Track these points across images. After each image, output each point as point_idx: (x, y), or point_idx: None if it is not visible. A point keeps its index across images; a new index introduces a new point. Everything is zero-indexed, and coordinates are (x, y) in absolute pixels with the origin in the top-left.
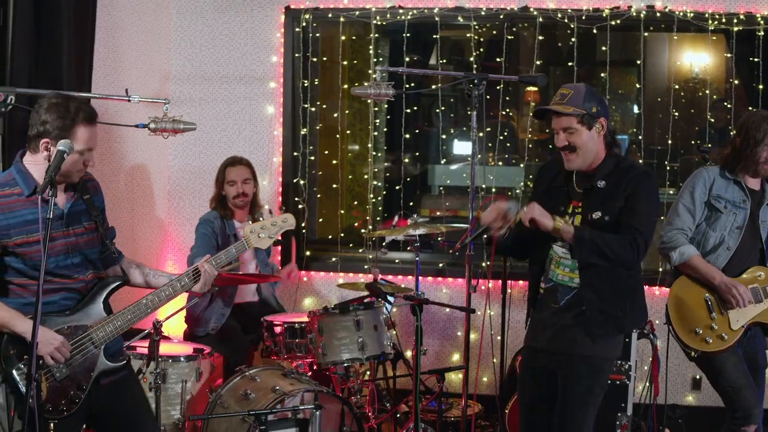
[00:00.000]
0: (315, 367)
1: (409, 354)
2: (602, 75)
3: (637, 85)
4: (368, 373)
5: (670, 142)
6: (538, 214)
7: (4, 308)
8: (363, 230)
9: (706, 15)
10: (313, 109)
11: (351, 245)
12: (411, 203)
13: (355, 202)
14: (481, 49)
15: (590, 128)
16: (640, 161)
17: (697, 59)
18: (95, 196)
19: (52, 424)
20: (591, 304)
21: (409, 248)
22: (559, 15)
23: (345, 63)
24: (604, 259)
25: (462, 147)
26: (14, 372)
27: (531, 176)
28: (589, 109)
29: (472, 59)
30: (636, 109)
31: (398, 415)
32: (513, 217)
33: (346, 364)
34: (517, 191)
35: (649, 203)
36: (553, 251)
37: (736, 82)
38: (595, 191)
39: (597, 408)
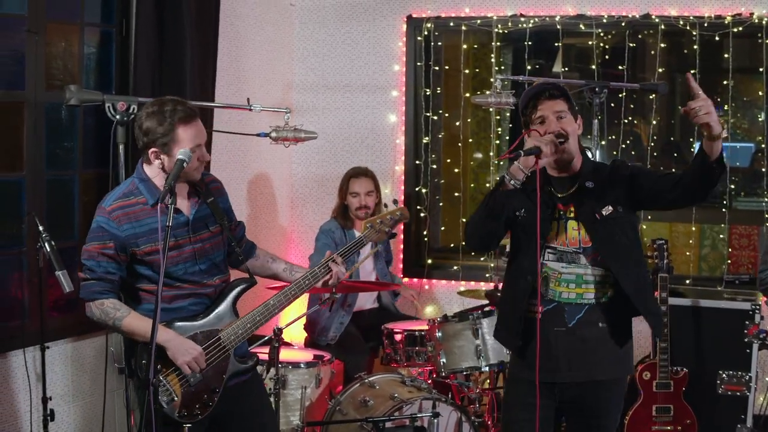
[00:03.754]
0: (434, 375)
1: None
2: (726, 82)
3: (761, 93)
4: (488, 381)
5: None
6: (715, 119)
7: (140, 317)
8: None
9: None
10: (435, 117)
11: (473, 253)
12: None
13: None
14: (606, 57)
15: (575, 120)
16: (765, 169)
17: None
18: (219, 198)
19: (186, 428)
20: (631, 290)
21: None
22: (681, 22)
23: (467, 71)
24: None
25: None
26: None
27: None
28: (574, 104)
29: (594, 67)
30: (761, 117)
31: None
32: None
33: (465, 372)
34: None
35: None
36: (548, 269)
37: None
38: (584, 192)
39: None
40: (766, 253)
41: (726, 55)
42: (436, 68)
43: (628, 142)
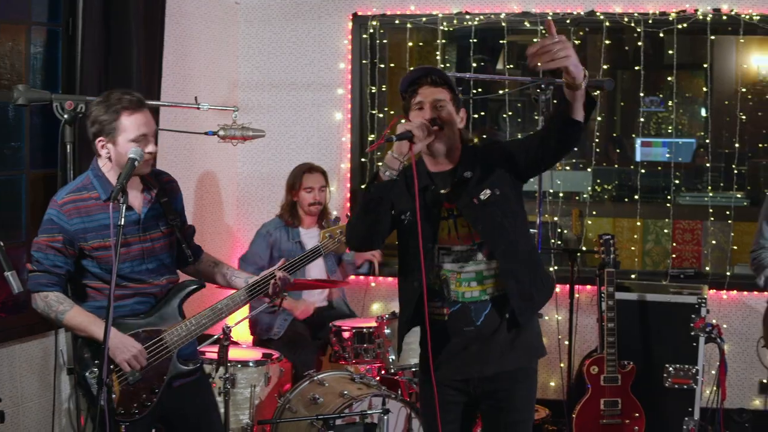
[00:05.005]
0: (383, 372)
1: None
2: (669, 78)
3: (705, 89)
4: None
5: (737, 145)
6: (575, 62)
7: (83, 312)
8: None
9: None
10: (381, 115)
11: None
12: None
13: None
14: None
15: (457, 112)
16: (708, 165)
17: (764, 62)
18: (174, 199)
19: (123, 427)
20: (514, 291)
21: None
22: (626, 19)
23: (412, 69)
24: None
25: None
26: (87, 375)
27: (599, 180)
28: (457, 93)
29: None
30: (703, 113)
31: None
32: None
33: (414, 369)
34: (585, 195)
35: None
36: (446, 270)
37: None
38: (463, 183)
39: None
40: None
41: (670, 52)
42: (382, 66)
43: None
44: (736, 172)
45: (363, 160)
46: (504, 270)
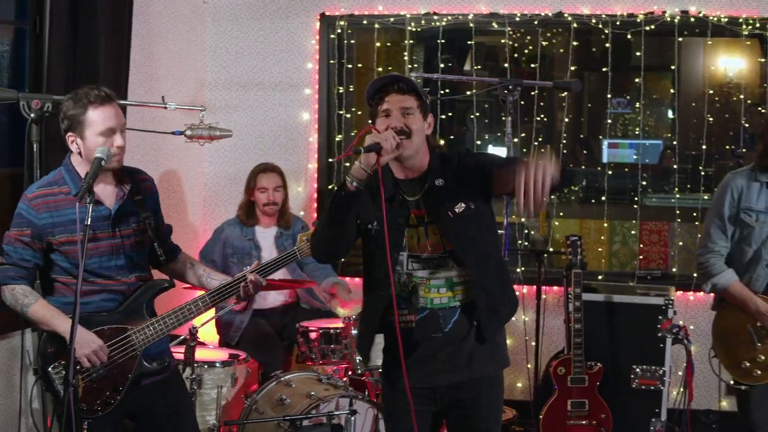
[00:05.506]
0: (350, 373)
1: None
2: (637, 80)
3: (672, 90)
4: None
5: (704, 147)
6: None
7: (47, 306)
8: None
9: (740, 20)
10: (348, 115)
11: None
12: None
13: None
14: (516, 55)
15: (424, 119)
16: (675, 166)
17: (731, 64)
18: (148, 197)
19: (86, 423)
20: (483, 305)
21: None
22: (594, 20)
23: (380, 69)
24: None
25: (497, 152)
26: (50, 370)
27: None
28: (426, 100)
29: (506, 65)
30: (671, 114)
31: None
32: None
33: (380, 370)
34: (552, 197)
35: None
36: (415, 277)
37: None
38: (435, 191)
39: None
40: (705, 235)
41: (637, 53)
42: (349, 66)
43: (540, 139)
44: (702, 173)
45: (330, 160)
46: (474, 282)
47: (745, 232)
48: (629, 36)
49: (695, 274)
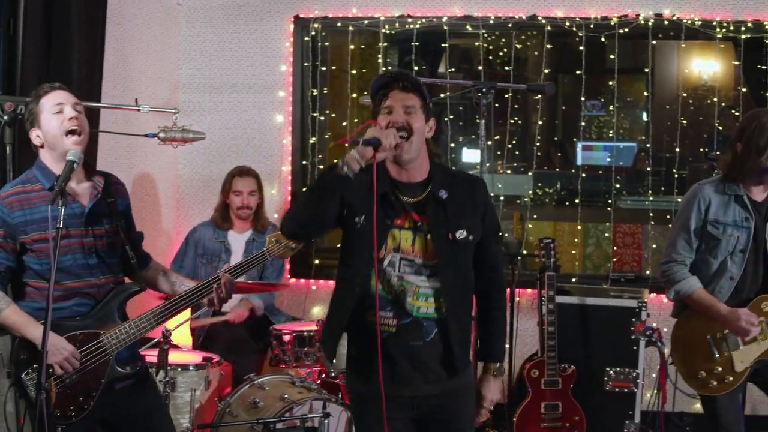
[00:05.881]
0: (323, 376)
1: None
2: (611, 83)
3: (646, 93)
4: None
5: (678, 149)
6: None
7: (19, 312)
8: None
9: (714, 23)
10: (322, 118)
11: None
12: None
13: None
14: (490, 58)
15: (426, 120)
16: (648, 169)
17: (705, 67)
18: (120, 201)
19: (59, 430)
20: (456, 338)
21: None
22: (567, 23)
23: (354, 72)
24: None
25: (471, 155)
26: (24, 377)
27: (540, 184)
28: (429, 102)
29: (480, 68)
30: (644, 117)
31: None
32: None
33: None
34: (526, 199)
35: (499, 230)
36: (406, 282)
37: (744, 89)
38: (438, 203)
39: None
40: (671, 245)
41: (611, 56)
42: (323, 69)
43: (514, 141)
44: (676, 176)
45: (304, 162)
46: (449, 312)
47: (711, 244)
48: (603, 39)
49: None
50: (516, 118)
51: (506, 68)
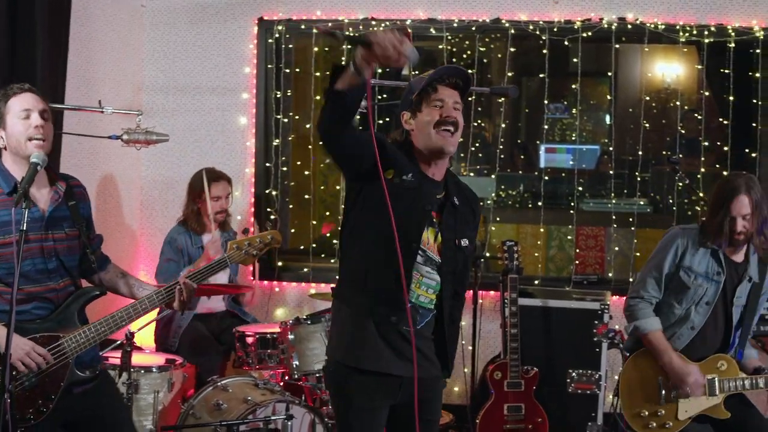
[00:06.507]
0: (287, 378)
1: None
2: (574, 86)
3: (609, 96)
4: None
5: (641, 152)
6: None
7: None
8: (335, 241)
9: (677, 27)
10: (286, 120)
11: (323, 255)
12: None
13: (327, 213)
14: (454, 60)
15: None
16: (611, 171)
17: (668, 70)
18: (81, 204)
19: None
20: (451, 337)
21: None
22: (531, 27)
23: (318, 74)
24: None
25: None
26: None
27: (503, 186)
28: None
29: None
30: (607, 120)
31: None
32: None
33: (317, 374)
34: (489, 201)
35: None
36: (418, 268)
37: (707, 93)
38: (451, 208)
39: None
40: (640, 282)
41: (575, 59)
42: (287, 71)
43: (477, 144)
44: (639, 179)
45: (267, 165)
46: (444, 307)
47: (679, 289)
48: (567, 42)
49: (631, 279)
50: (479, 121)
51: (470, 71)
